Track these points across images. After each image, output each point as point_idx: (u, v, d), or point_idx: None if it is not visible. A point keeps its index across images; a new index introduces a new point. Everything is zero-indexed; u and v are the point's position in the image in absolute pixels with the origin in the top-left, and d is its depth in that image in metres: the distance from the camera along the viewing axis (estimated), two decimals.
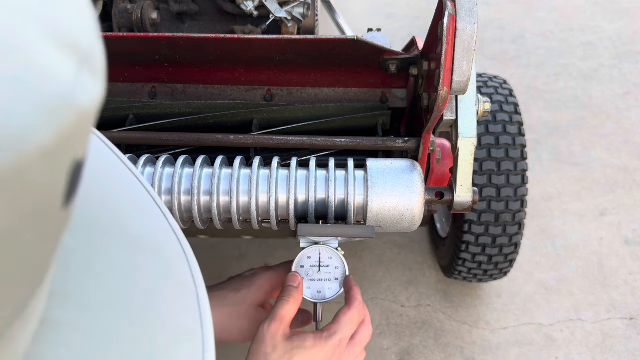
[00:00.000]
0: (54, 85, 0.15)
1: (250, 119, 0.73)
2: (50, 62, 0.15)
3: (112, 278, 0.24)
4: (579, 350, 1.16)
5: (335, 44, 0.67)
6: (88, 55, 0.16)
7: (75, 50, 0.16)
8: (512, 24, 2.05)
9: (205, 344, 0.25)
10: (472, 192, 0.65)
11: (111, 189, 0.28)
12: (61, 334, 0.21)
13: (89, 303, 0.22)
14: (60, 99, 0.15)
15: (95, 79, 0.17)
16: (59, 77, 0.15)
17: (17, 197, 0.14)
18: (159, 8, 1.10)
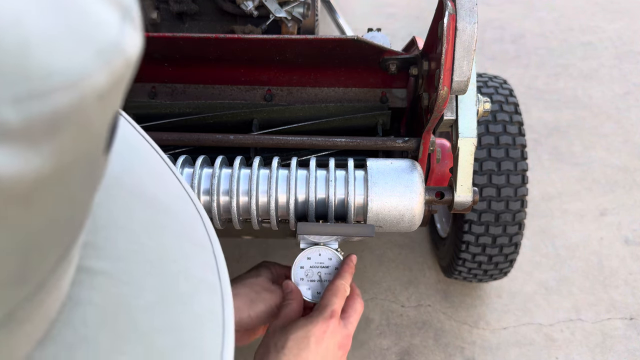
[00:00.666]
0: (105, 34, 0.16)
1: (250, 119, 0.73)
2: (100, 14, 0.16)
3: (136, 232, 0.26)
4: (579, 351, 1.16)
5: (335, 44, 0.67)
6: (129, 9, 0.18)
7: (119, 5, 0.17)
8: (512, 24, 2.05)
9: (224, 294, 0.27)
10: (472, 192, 0.65)
11: (132, 154, 0.29)
12: (95, 280, 0.23)
13: (117, 254, 0.24)
14: (112, 45, 0.16)
15: (136, 30, 0.18)
16: (108, 27, 0.16)
17: (77, 135, 0.16)
18: (159, 8, 1.10)
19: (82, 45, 0.15)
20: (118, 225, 0.25)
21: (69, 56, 0.15)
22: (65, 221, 0.18)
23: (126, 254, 0.24)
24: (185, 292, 0.25)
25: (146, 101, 0.76)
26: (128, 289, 0.23)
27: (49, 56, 0.14)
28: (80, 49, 0.15)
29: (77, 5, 0.15)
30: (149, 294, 0.24)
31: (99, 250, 0.23)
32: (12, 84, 0.13)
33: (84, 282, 0.22)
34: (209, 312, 0.26)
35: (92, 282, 0.22)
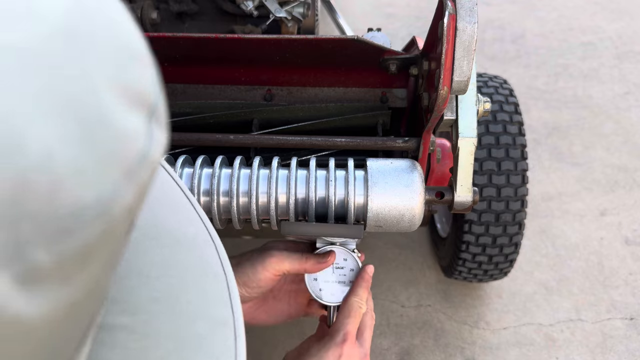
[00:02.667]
0: (132, 149, 0.16)
1: (250, 119, 0.73)
2: (126, 125, 0.16)
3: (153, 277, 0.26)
4: (579, 351, 1.16)
5: (335, 44, 0.67)
6: (155, 107, 0.18)
7: (145, 104, 0.17)
8: (512, 24, 2.05)
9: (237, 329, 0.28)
10: (472, 192, 0.65)
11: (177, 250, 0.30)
12: (115, 337, 0.23)
13: (137, 306, 0.25)
14: (139, 160, 0.16)
15: (161, 128, 0.18)
16: (136, 139, 0.16)
17: (106, 252, 0.16)
18: (159, 8, 1.10)
19: (110, 171, 0.15)
20: (137, 273, 0.26)
21: (99, 186, 0.14)
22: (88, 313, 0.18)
23: (146, 305, 0.25)
24: (201, 333, 0.26)
25: None
26: (147, 342, 0.24)
27: (79, 190, 0.14)
28: (109, 175, 0.15)
29: (102, 120, 0.15)
30: (168, 342, 0.24)
31: (119, 305, 0.24)
32: (44, 225, 0.13)
33: (105, 342, 0.22)
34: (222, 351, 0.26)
35: (113, 340, 0.23)
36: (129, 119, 0.16)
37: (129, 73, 0.16)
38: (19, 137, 0.12)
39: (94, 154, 0.14)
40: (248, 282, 0.62)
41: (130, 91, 0.16)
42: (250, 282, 0.62)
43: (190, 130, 0.70)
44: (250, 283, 0.63)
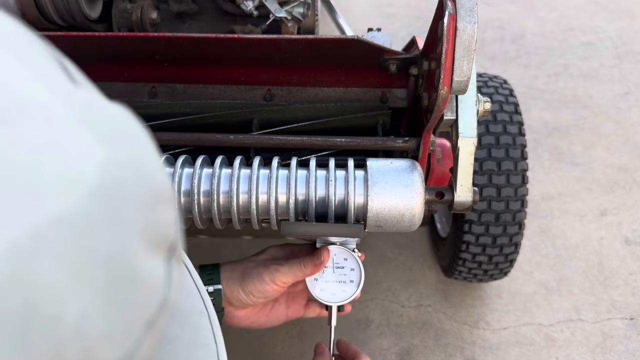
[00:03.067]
0: (155, 298, 0.16)
1: (250, 118, 0.73)
2: (151, 272, 0.16)
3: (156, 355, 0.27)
4: (579, 351, 1.16)
5: (335, 44, 0.67)
6: (175, 245, 0.18)
7: (166, 244, 0.17)
8: (512, 24, 2.05)
9: None
10: (472, 192, 0.65)
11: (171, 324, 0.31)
12: None
13: None
14: (159, 309, 0.17)
15: (179, 264, 0.19)
16: (157, 286, 0.17)
17: None
18: (158, 8, 1.10)
19: (135, 325, 0.15)
20: None
21: (125, 344, 0.15)
22: None
23: None
24: None
25: (146, 101, 0.75)
26: None
27: (108, 352, 0.14)
28: (134, 330, 0.15)
29: (130, 275, 0.15)
30: None
31: None
32: None
33: None
34: None
35: None
36: (154, 265, 0.16)
37: (156, 218, 0.17)
38: (58, 306, 0.13)
39: (122, 312, 0.15)
40: (254, 292, 0.64)
41: (155, 235, 0.17)
42: (257, 292, 0.64)
43: (190, 130, 0.70)
44: (256, 293, 0.64)
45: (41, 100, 0.14)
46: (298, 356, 1.15)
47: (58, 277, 0.13)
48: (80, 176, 0.14)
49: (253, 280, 0.63)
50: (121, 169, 0.15)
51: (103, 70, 0.75)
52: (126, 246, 0.15)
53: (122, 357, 0.15)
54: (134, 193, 0.16)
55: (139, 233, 0.16)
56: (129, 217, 0.15)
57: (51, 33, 0.66)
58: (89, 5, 0.97)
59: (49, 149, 0.14)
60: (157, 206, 0.17)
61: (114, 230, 0.15)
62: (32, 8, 0.89)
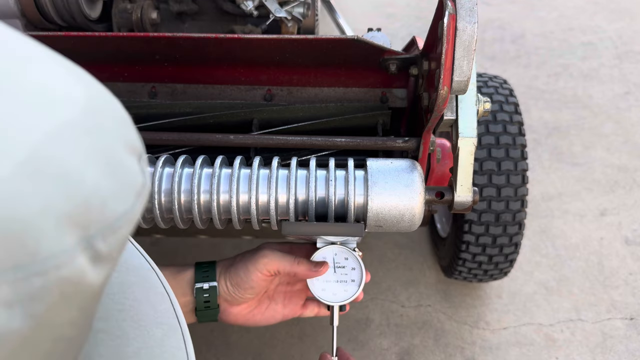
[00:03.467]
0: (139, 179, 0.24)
1: (250, 118, 0.73)
2: (132, 165, 0.24)
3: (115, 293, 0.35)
4: (579, 351, 1.16)
5: (335, 44, 0.67)
6: (142, 152, 0.26)
7: (137, 152, 0.25)
8: (512, 24, 2.05)
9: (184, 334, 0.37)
10: (472, 192, 0.65)
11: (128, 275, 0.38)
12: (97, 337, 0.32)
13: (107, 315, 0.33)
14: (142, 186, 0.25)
15: (146, 165, 0.26)
16: (138, 173, 0.24)
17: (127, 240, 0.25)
18: (158, 8, 1.10)
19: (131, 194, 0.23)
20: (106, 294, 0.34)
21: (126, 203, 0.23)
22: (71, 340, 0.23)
23: (114, 314, 0.34)
24: (159, 336, 0.35)
25: (146, 101, 0.76)
26: (120, 341, 0.33)
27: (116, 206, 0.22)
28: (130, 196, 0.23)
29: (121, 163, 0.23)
30: (135, 342, 0.33)
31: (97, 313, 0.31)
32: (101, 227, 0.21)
33: (90, 341, 0.31)
34: (176, 349, 0.35)
35: (96, 340, 0.31)
36: (132, 162, 0.24)
37: (126, 133, 0.24)
38: (81, 174, 0.20)
39: (121, 184, 0.22)
40: (241, 283, 0.63)
41: (129, 145, 0.24)
42: (243, 283, 0.63)
43: (190, 130, 0.70)
44: (242, 284, 0.64)
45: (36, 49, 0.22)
46: (298, 356, 1.15)
47: (77, 157, 0.20)
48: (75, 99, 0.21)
49: (238, 271, 0.64)
50: (97, 99, 0.23)
51: (103, 70, 0.75)
52: (114, 145, 0.23)
53: (125, 210, 0.22)
54: (109, 117, 0.23)
55: (119, 140, 0.23)
56: (111, 130, 0.23)
57: (51, 33, 0.66)
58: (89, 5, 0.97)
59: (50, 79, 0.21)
60: (125, 126, 0.24)
61: (103, 135, 0.22)
62: (32, 8, 0.89)
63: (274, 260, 0.63)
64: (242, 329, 1.17)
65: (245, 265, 0.63)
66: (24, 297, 0.18)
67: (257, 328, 1.18)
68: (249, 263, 0.63)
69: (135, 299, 0.35)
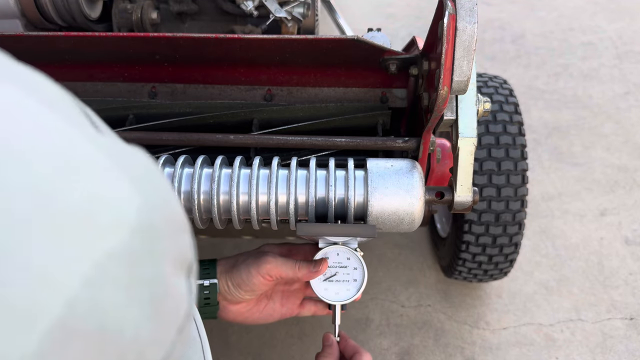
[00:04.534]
0: (183, 310, 0.21)
1: (250, 118, 0.73)
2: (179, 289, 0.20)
3: None
4: (579, 351, 1.16)
5: (335, 44, 0.67)
6: (192, 264, 0.22)
7: (186, 265, 0.21)
8: (512, 24, 2.05)
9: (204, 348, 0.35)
10: (472, 192, 0.65)
11: None
12: None
13: None
14: (186, 317, 0.21)
15: (195, 279, 0.23)
16: (184, 300, 0.21)
17: None
18: (159, 8, 1.10)
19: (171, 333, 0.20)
20: None
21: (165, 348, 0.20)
22: None
23: None
24: None
25: (146, 101, 0.75)
26: None
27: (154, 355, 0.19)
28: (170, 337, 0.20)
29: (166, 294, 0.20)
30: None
31: None
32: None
33: None
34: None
35: None
36: (180, 283, 0.20)
37: (179, 246, 0.21)
38: (121, 323, 0.17)
39: (163, 324, 0.19)
40: (242, 285, 0.64)
41: (180, 259, 0.21)
42: (244, 285, 0.64)
43: (190, 130, 0.70)
44: (244, 286, 0.64)
45: (81, 150, 0.18)
46: (298, 356, 1.15)
47: (118, 301, 0.17)
48: (124, 218, 0.18)
49: (240, 273, 0.64)
50: (153, 210, 0.19)
51: (103, 70, 0.75)
52: (161, 271, 0.19)
53: (163, 357, 0.19)
54: (164, 228, 0.20)
55: (169, 259, 0.20)
56: (162, 248, 0.19)
57: (51, 33, 0.66)
58: (89, 5, 0.97)
59: (97, 195, 0.17)
60: (179, 235, 0.21)
61: (152, 260, 0.19)
62: (32, 8, 0.89)
63: (277, 266, 0.63)
64: (242, 329, 1.17)
65: (247, 268, 0.64)
66: None
67: (257, 328, 1.18)
68: (251, 267, 0.64)
69: None
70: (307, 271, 0.63)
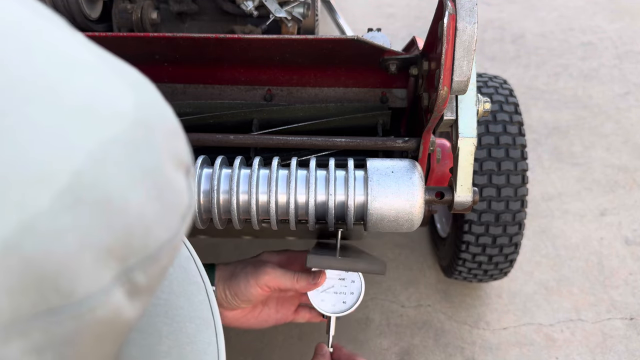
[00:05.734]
0: (185, 200, 0.22)
1: (250, 118, 0.73)
2: (180, 184, 0.22)
3: None
4: (579, 351, 1.16)
5: (335, 44, 0.67)
6: (189, 166, 0.24)
7: (185, 165, 0.23)
8: (512, 24, 2.05)
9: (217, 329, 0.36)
10: (472, 192, 0.65)
11: None
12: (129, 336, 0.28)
13: None
14: (188, 207, 0.23)
15: (193, 180, 0.25)
16: (184, 192, 0.22)
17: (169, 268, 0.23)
18: (159, 8, 1.10)
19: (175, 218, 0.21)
20: None
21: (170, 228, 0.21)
22: None
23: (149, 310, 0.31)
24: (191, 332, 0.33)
25: None
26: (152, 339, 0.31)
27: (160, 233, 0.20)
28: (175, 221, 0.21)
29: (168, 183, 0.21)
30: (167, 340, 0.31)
31: None
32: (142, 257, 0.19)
33: None
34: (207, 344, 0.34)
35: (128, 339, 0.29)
36: (179, 179, 0.22)
37: (176, 146, 0.22)
38: (125, 199, 0.18)
39: (167, 207, 0.20)
40: (239, 294, 0.64)
41: (177, 159, 0.22)
42: (242, 295, 0.64)
43: (190, 130, 0.70)
44: (241, 295, 0.65)
45: (75, 49, 0.20)
46: (298, 357, 1.15)
47: (122, 179, 0.18)
48: (123, 111, 0.19)
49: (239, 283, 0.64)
50: (148, 109, 0.21)
51: None
52: (162, 162, 0.20)
53: (168, 238, 0.20)
54: (160, 127, 0.21)
55: (167, 154, 0.21)
56: (160, 142, 0.21)
57: None
58: (89, 5, 0.97)
59: (96, 89, 0.19)
60: (174, 138, 0.22)
61: (152, 151, 0.20)
62: None
63: (276, 277, 0.64)
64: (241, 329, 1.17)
65: (246, 278, 0.64)
66: (56, 342, 0.17)
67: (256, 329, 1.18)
68: (250, 277, 0.64)
69: (172, 292, 0.33)
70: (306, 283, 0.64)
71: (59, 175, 0.16)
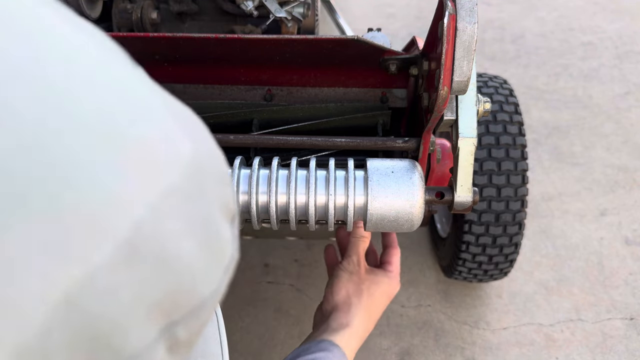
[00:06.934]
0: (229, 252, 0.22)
1: (250, 119, 0.73)
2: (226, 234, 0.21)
3: None
4: (579, 351, 1.16)
5: (335, 44, 0.67)
6: (235, 215, 0.23)
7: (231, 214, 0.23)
8: (512, 24, 2.05)
9: None
10: (472, 192, 0.65)
11: None
12: None
13: None
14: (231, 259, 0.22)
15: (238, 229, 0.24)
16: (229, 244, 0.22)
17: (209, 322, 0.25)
18: (159, 8, 1.10)
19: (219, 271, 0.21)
20: None
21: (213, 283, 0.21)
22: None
23: None
24: None
25: None
26: None
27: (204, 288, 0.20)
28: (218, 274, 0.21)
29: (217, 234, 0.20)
30: None
31: None
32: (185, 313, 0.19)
33: None
34: None
35: None
36: (226, 227, 0.21)
37: (225, 194, 0.22)
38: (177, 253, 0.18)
39: (213, 259, 0.20)
40: None
41: (225, 207, 0.22)
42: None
43: None
44: None
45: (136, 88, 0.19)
46: None
47: (177, 230, 0.18)
48: (180, 158, 0.19)
49: None
50: (203, 156, 0.20)
51: None
52: (212, 211, 0.20)
53: (211, 292, 0.20)
54: (212, 174, 0.21)
55: (217, 204, 0.21)
56: (211, 192, 0.20)
57: None
58: (89, 5, 0.97)
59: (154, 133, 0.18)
60: (224, 186, 0.22)
61: (204, 201, 0.20)
62: None
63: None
64: (242, 329, 1.17)
65: None
66: None
67: (257, 328, 1.18)
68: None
69: None
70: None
71: (120, 226, 0.16)
